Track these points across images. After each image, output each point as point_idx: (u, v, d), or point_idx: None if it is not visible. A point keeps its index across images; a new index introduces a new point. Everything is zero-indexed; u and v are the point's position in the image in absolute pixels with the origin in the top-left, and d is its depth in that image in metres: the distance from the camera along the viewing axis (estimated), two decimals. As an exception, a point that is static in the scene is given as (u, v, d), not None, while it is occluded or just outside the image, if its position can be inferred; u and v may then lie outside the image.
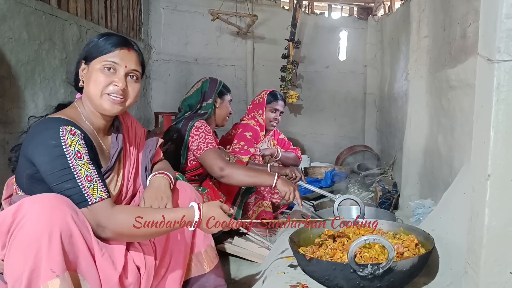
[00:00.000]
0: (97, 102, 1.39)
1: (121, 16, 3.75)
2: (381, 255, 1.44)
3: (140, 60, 1.47)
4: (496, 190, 1.13)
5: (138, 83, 1.46)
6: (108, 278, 1.26)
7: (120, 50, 1.40)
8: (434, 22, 2.54)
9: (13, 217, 1.14)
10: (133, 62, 1.42)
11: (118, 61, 1.39)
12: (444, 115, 2.31)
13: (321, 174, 3.83)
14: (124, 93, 1.41)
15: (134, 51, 1.45)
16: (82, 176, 1.26)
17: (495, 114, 1.10)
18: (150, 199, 1.48)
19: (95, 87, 1.38)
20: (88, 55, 1.41)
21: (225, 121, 2.65)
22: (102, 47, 1.39)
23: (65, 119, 1.34)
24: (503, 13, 1.08)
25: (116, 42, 1.41)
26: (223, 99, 2.59)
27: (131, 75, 1.43)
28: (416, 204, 2.37)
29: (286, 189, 2.12)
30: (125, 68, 1.40)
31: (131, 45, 1.44)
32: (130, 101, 1.45)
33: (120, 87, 1.38)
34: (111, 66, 1.38)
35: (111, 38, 1.42)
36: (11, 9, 2.27)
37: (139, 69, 1.45)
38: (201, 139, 2.24)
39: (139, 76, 1.46)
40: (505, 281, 1.16)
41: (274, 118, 3.20)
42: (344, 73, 4.72)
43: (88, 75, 1.40)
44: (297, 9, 4.22)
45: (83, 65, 1.43)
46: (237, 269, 2.12)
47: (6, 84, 2.26)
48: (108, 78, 1.38)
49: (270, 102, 3.18)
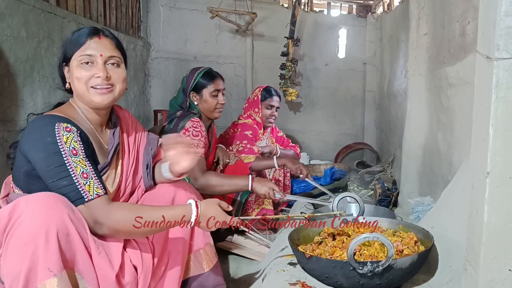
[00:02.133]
0: (87, 98, 1.39)
1: (120, 14, 3.74)
2: (380, 252, 1.44)
3: (115, 44, 1.44)
4: (495, 188, 1.13)
5: (120, 68, 1.43)
6: (105, 277, 1.26)
7: (91, 39, 1.38)
8: (433, 20, 2.54)
9: (9, 216, 1.14)
10: (107, 49, 1.40)
11: (92, 52, 1.37)
12: (444, 113, 2.31)
13: (320, 171, 3.83)
14: (109, 82, 1.39)
15: (105, 37, 1.42)
16: (78, 173, 1.26)
17: (494, 111, 1.10)
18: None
19: (79, 84, 1.37)
20: (65, 55, 1.41)
21: (216, 113, 2.41)
22: (74, 43, 1.39)
23: (60, 116, 1.34)
24: (502, 11, 1.08)
25: (85, 33, 1.39)
26: (202, 94, 2.37)
27: (111, 63, 1.41)
28: (415, 201, 2.38)
29: (263, 189, 2.08)
30: (101, 57, 1.38)
31: (101, 32, 1.42)
32: (119, 88, 1.43)
33: (102, 77, 1.37)
34: (87, 59, 1.37)
35: (80, 32, 1.40)
36: (9, 7, 2.26)
37: (116, 54, 1.43)
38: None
39: (119, 61, 1.43)
40: (504, 278, 1.16)
41: (271, 114, 3.17)
42: (344, 70, 4.71)
43: (71, 75, 1.39)
44: (296, 6, 4.21)
45: (65, 67, 1.42)
46: (236, 267, 2.12)
47: (4, 82, 2.26)
48: (88, 72, 1.37)
49: (265, 99, 3.17)
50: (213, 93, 2.37)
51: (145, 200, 1.60)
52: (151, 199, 1.59)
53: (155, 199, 1.59)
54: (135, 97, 4.03)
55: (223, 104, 2.43)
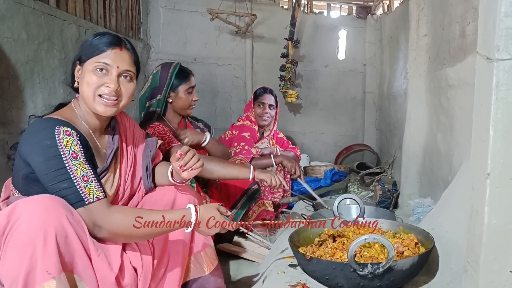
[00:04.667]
0: (91, 104, 1.39)
1: (120, 16, 3.75)
2: (381, 254, 1.44)
3: (133, 59, 1.45)
4: (495, 189, 1.13)
5: (131, 83, 1.44)
6: (105, 279, 1.25)
7: (112, 50, 1.38)
8: (433, 21, 2.54)
9: (8, 219, 1.14)
10: (125, 63, 1.41)
11: (110, 62, 1.37)
12: (444, 114, 2.30)
13: (320, 173, 3.82)
14: (117, 94, 1.40)
15: (126, 50, 1.43)
16: (78, 176, 1.26)
17: (494, 112, 1.10)
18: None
19: (87, 89, 1.37)
20: (82, 56, 1.40)
21: (189, 110, 2.39)
22: (94, 47, 1.38)
23: (60, 120, 1.34)
24: (502, 12, 1.08)
25: (108, 42, 1.39)
26: (177, 91, 2.33)
27: (124, 76, 1.42)
28: (415, 203, 2.37)
29: (265, 176, 2.07)
30: (117, 69, 1.38)
31: (123, 43, 1.43)
32: (124, 102, 1.44)
33: (112, 89, 1.37)
34: (103, 67, 1.37)
35: (103, 38, 1.40)
36: (10, 9, 2.27)
37: (132, 69, 1.44)
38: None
39: (132, 76, 1.45)
40: (505, 280, 1.16)
41: (263, 111, 3.17)
42: (344, 72, 4.71)
43: (82, 76, 1.39)
44: (296, 8, 4.21)
45: (77, 66, 1.42)
46: (237, 269, 2.12)
47: (5, 84, 2.26)
48: (100, 79, 1.37)
49: (256, 98, 3.20)
50: (188, 90, 2.35)
51: (145, 203, 1.60)
52: (151, 202, 1.59)
53: (155, 201, 1.59)
54: (135, 99, 4.00)
55: (196, 101, 2.41)
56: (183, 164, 1.47)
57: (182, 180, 1.58)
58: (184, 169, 1.47)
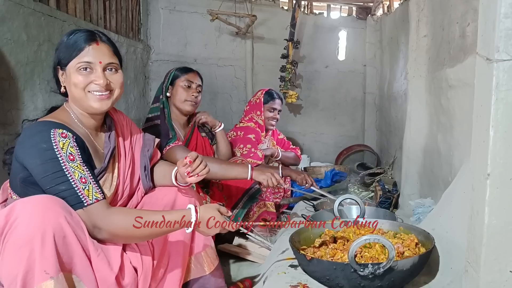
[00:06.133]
0: (84, 103, 1.39)
1: (120, 17, 3.75)
2: (381, 254, 1.44)
3: (112, 50, 1.44)
4: (495, 189, 1.13)
5: (118, 73, 1.44)
6: (105, 279, 1.25)
7: (89, 46, 1.37)
8: (433, 22, 2.54)
9: (6, 219, 1.14)
10: (106, 56, 1.40)
11: (91, 59, 1.37)
12: (444, 114, 2.31)
13: (321, 173, 3.83)
14: (108, 87, 1.40)
15: (103, 43, 1.42)
16: (76, 178, 1.26)
17: (494, 113, 1.10)
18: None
19: (77, 90, 1.37)
20: (61, 60, 1.39)
21: (186, 105, 2.41)
22: (71, 48, 1.37)
23: (55, 122, 1.34)
24: (502, 13, 1.08)
25: (83, 39, 1.38)
26: (174, 84, 2.42)
27: (109, 68, 1.41)
28: (416, 203, 2.37)
29: (263, 176, 2.09)
30: (100, 64, 1.38)
31: (98, 37, 1.41)
32: (117, 93, 1.44)
33: (102, 84, 1.37)
34: (86, 66, 1.37)
35: (75, 36, 1.39)
36: (10, 10, 2.27)
37: (114, 60, 1.43)
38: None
39: (117, 67, 1.44)
40: (505, 280, 1.16)
41: (273, 117, 3.19)
42: (344, 72, 4.72)
43: (68, 80, 1.39)
44: (296, 9, 4.21)
45: (60, 70, 1.41)
46: (237, 270, 2.12)
47: (5, 85, 2.26)
48: (86, 78, 1.37)
49: (267, 102, 3.18)
50: (185, 84, 2.40)
51: (145, 203, 1.60)
52: (151, 202, 1.59)
53: (155, 202, 1.59)
54: (135, 100, 4.03)
55: (195, 97, 2.42)
56: (191, 171, 1.48)
57: (185, 183, 1.58)
58: (191, 175, 1.48)
